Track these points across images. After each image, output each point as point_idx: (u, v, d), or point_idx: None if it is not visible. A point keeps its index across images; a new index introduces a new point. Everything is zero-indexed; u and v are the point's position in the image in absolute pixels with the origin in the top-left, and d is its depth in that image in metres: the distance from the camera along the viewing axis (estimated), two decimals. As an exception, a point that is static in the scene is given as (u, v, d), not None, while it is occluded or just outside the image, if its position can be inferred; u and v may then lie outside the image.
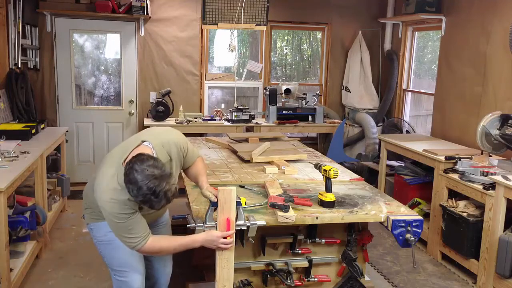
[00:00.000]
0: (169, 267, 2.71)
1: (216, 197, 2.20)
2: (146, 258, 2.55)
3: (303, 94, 5.87)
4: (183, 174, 2.63)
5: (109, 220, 2.12)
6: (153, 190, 1.93)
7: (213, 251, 2.21)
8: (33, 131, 4.25)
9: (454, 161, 3.88)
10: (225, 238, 2.15)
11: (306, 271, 2.63)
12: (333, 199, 2.49)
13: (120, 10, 5.36)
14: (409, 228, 2.33)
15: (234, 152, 3.74)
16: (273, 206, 2.32)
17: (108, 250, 2.40)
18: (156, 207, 2.02)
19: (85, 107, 5.85)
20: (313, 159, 3.65)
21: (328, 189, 2.50)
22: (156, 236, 2.24)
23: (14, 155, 3.48)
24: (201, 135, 5.56)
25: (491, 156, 3.96)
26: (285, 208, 2.30)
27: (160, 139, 2.26)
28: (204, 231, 2.19)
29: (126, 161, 2.07)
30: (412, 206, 4.40)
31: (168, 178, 1.99)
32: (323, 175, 2.54)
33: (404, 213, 2.44)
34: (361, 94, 6.19)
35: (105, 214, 2.11)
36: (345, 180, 3.07)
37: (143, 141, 2.19)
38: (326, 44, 6.38)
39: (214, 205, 2.21)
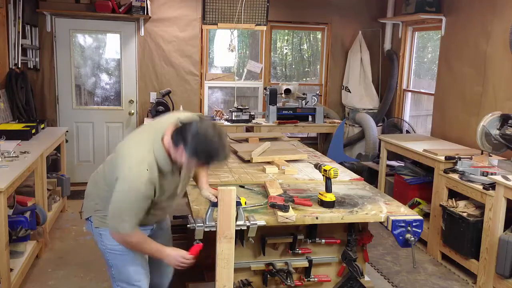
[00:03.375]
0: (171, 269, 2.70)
1: (216, 197, 2.20)
2: (151, 260, 2.52)
3: (303, 94, 5.87)
4: None
5: (122, 195, 2.07)
6: (220, 140, 2.02)
7: (213, 251, 2.21)
8: (33, 131, 4.24)
9: (454, 161, 3.88)
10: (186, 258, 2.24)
11: (306, 271, 2.63)
12: (333, 199, 2.49)
13: (120, 10, 5.36)
14: (409, 228, 2.33)
15: (234, 152, 3.74)
16: (273, 206, 2.33)
17: (118, 261, 2.33)
18: (220, 158, 2.04)
19: (85, 107, 5.85)
20: (313, 159, 3.65)
21: (328, 189, 2.50)
22: (140, 232, 2.21)
23: (14, 155, 3.47)
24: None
25: (491, 156, 3.96)
26: (285, 208, 2.30)
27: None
28: (204, 231, 2.20)
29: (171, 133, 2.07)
30: (412, 206, 4.40)
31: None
32: (323, 175, 2.54)
33: (404, 213, 2.44)
34: (361, 94, 6.19)
35: (122, 187, 2.06)
36: (345, 180, 3.07)
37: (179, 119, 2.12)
38: (326, 44, 6.38)
39: (214, 205, 2.21)
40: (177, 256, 2.24)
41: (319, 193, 2.53)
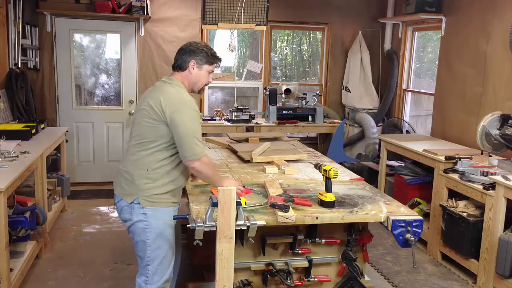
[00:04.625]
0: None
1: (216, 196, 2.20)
2: None
3: (303, 94, 5.87)
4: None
5: (189, 119, 2.37)
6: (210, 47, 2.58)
7: (213, 251, 2.21)
8: (33, 131, 4.24)
9: (454, 161, 3.88)
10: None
11: (306, 271, 2.63)
12: (333, 199, 2.48)
13: (120, 10, 5.36)
14: (409, 228, 2.33)
15: (234, 152, 3.74)
16: (273, 206, 2.32)
17: (157, 239, 2.45)
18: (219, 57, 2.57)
19: (85, 107, 5.86)
20: (313, 159, 3.65)
21: (328, 189, 2.50)
22: (209, 158, 2.49)
23: (14, 155, 3.47)
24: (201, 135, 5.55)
25: (491, 156, 3.96)
26: (285, 208, 2.29)
27: None
28: (204, 231, 2.20)
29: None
30: (412, 206, 4.40)
31: None
32: (323, 175, 2.54)
33: (404, 213, 2.44)
34: (361, 94, 6.19)
35: (184, 114, 2.36)
36: (345, 180, 3.07)
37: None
38: (326, 44, 6.38)
39: (214, 205, 2.21)
40: (236, 184, 2.51)
41: (319, 193, 2.53)
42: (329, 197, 2.48)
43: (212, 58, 2.54)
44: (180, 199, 2.60)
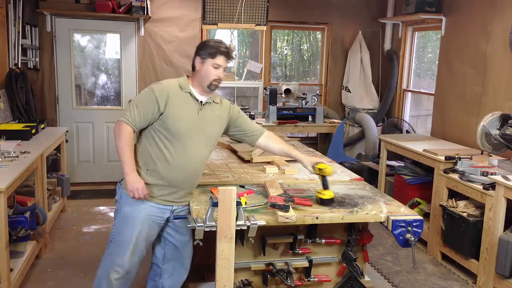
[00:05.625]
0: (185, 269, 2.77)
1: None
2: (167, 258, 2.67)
3: (303, 94, 5.87)
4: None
5: (141, 93, 2.55)
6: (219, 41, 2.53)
7: (214, 251, 2.21)
8: (33, 131, 4.24)
9: (454, 161, 3.88)
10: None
11: (306, 271, 2.63)
12: (332, 196, 2.49)
13: (120, 10, 5.36)
14: (409, 228, 2.33)
15: (234, 152, 3.74)
16: (273, 206, 2.32)
17: (121, 223, 2.53)
18: (223, 45, 2.49)
19: (85, 107, 5.85)
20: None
21: (326, 186, 2.51)
22: (129, 132, 2.42)
23: (14, 155, 3.47)
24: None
25: (491, 156, 3.96)
26: (285, 208, 2.29)
27: None
28: (204, 231, 2.20)
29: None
30: (412, 206, 4.40)
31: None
32: (318, 174, 2.54)
33: (404, 213, 2.44)
34: (361, 94, 6.19)
35: (144, 90, 2.53)
36: (345, 180, 3.07)
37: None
38: (326, 44, 6.38)
39: (214, 205, 2.21)
40: (135, 183, 2.39)
41: (317, 192, 2.53)
42: (328, 194, 2.48)
43: (214, 50, 2.45)
44: (175, 200, 2.54)
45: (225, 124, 2.67)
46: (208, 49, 2.47)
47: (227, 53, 2.49)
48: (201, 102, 2.54)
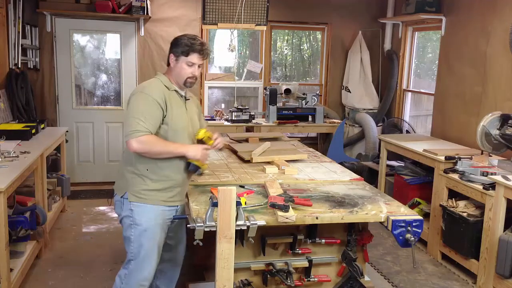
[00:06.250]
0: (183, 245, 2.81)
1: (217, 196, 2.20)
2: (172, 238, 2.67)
3: (303, 94, 5.87)
4: None
5: (138, 102, 2.34)
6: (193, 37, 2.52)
7: (213, 251, 2.21)
8: (33, 131, 4.24)
9: (454, 161, 3.87)
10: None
11: (306, 271, 2.63)
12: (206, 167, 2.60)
13: (120, 10, 5.36)
14: (409, 228, 2.33)
15: (234, 152, 3.74)
16: (273, 206, 2.32)
17: (140, 237, 2.45)
18: (197, 42, 2.48)
19: (85, 107, 5.86)
20: (313, 159, 3.66)
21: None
22: (154, 136, 2.34)
23: (14, 155, 3.47)
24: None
25: (491, 156, 3.96)
26: (285, 208, 2.29)
27: None
28: (204, 231, 2.20)
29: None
30: (412, 206, 4.40)
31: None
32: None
33: (404, 213, 2.44)
34: (361, 94, 6.19)
35: (135, 97, 2.36)
36: (345, 180, 3.07)
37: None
38: (326, 44, 6.38)
39: (214, 205, 2.21)
40: (199, 148, 2.45)
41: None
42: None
43: (187, 48, 2.41)
44: (180, 199, 2.59)
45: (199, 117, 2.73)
46: (181, 46, 2.44)
47: (201, 50, 2.45)
48: (185, 97, 2.57)
